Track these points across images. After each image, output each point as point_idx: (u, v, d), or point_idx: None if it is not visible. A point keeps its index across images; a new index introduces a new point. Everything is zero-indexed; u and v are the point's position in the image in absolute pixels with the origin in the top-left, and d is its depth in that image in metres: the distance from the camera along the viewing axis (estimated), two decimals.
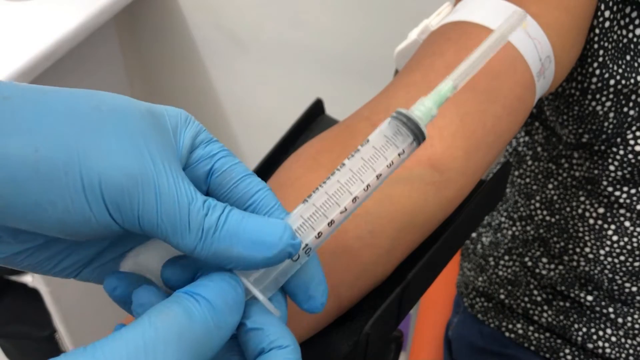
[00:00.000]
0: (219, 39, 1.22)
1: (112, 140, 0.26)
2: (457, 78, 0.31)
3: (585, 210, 0.61)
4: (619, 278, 0.61)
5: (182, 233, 0.27)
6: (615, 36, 0.51)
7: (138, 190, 0.26)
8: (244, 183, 0.31)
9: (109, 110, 0.27)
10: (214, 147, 0.31)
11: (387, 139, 0.31)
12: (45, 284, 1.17)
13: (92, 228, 0.27)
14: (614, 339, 0.63)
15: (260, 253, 0.27)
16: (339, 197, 0.30)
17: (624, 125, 0.54)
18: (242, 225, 0.28)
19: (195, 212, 0.27)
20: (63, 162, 0.25)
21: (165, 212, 0.27)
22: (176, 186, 0.27)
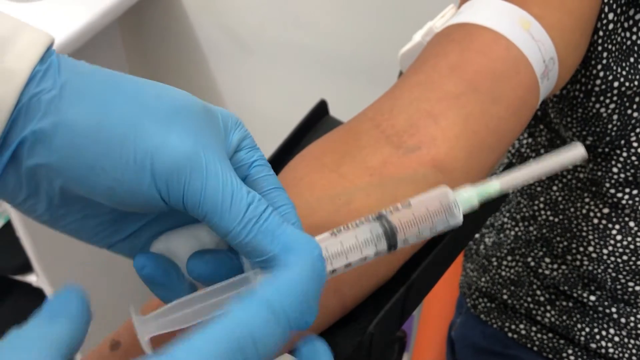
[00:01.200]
0: (223, 41, 1.22)
1: (168, 124, 0.28)
2: (506, 186, 0.33)
3: (589, 211, 0.62)
4: (622, 277, 0.61)
5: (222, 215, 0.28)
6: (619, 38, 0.51)
7: (187, 169, 0.28)
8: (272, 194, 0.32)
9: (169, 98, 0.30)
10: (255, 154, 0.33)
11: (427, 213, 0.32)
12: (50, 284, 1.17)
13: (138, 200, 0.29)
14: (617, 339, 0.63)
15: (293, 259, 0.28)
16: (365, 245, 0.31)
17: (628, 128, 0.54)
18: (282, 227, 0.29)
19: (239, 198, 0.29)
20: (120, 135, 0.28)
21: (209, 193, 0.28)
22: (223, 173, 0.29)
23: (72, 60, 0.29)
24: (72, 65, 0.29)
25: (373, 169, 0.40)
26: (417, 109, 0.42)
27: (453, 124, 0.41)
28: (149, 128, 0.28)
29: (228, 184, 0.29)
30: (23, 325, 0.25)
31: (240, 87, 1.28)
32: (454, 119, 0.41)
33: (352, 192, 0.39)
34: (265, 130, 1.32)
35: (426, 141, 0.40)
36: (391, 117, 0.42)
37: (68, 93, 0.28)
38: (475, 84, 0.42)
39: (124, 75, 0.30)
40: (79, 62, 0.30)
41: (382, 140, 0.41)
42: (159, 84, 0.31)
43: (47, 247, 1.13)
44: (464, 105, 0.41)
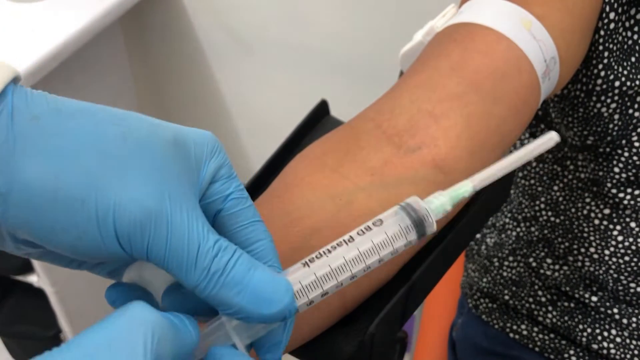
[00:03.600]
0: (224, 41, 1.22)
1: (131, 174, 0.27)
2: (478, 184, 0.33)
3: (590, 211, 0.61)
4: (624, 278, 0.61)
5: (188, 270, 0.27)
6: (620, 38, 0.51)
7: (150, 224, 0.27)
8: (248, 230, 0.31)
9: (133, 140, 0.28)
10: (231, 186, 0.31)
11: (400, 230, 0.31)
12: (51, 284, 1.17)
13: (101, 254, 0.27)
14: (619, 340, 0.63)
15: (261, 309, 0.28)
16: (339, 273, 0.30)
17: (629, 127, 0.54)
18: (249, 275, 0.28)
19: (205, 252, 0.27)
20: (81, 192, 0.26)
21: (174, 247, 0.27)
22: (189, 224, 0.27)
23: (28, 98, 0.27)
24: (27, 108, 0.26)
25: (374, 169, 0.40)
26: (418, 109, 0.42)
27: (454, 124, 0.41)
28: (110, 181, 0.26)
29: (194, 237, 0.27)
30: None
31: (242, 87, 1.28)
32: (455, 119, 0.41)
33: (353, 193, 0.39)
34: (265, 130, 1.32)
35: (427, 141, 0.40)
36: (392, 117, 0.42)
37: (21, 147, 0.26)
38: (477, 84, 0.42)
39: (86, 114, 0.28)
40: (37, 97, 0.27)
41: (383, 141, 0.41)
42: (122, 116, 0.28)
43: None
44: (465, 106, 0.41)
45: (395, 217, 0.32)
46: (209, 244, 0.28)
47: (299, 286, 0.30)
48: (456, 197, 0.32)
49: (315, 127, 0.54)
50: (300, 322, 0.39)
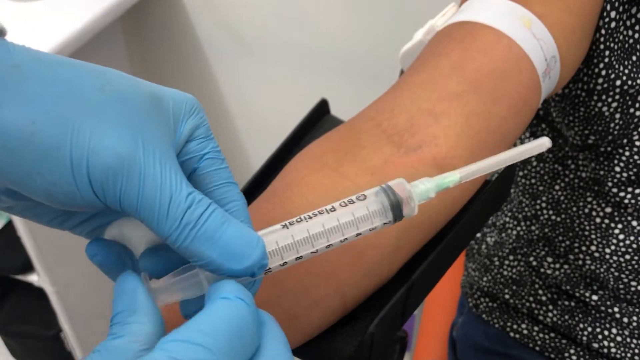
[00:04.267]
0: (224, 40, 1.22)
1: (107, 122, 0.27)
2: (466, 175, 0.33)
3: (592, 210, 0.61)
4: (625, 277, 0.61)
5: (160, 220, 0.28)
6: (621, 37, 0.51)
7: (123, 172, 0.27)
8: (221, 190, 0.31)
9: (111, 91, 0.28)
10: (207, 146, 0.32)
11: (383, 208, 0.32)
12: (51, 283, 1.17)
13: (77, 202, 0.28)
14: (620, 339, 0.63)
15: (230, 264, 0.28)
16: (316, 239, 0.31)
17: (630, 127, 0.54)
18: (221, 229, 0.28)
19: (177, 203, 0.27)
20: (56, 138, 0.26)
21: (146, 196, 0.27)
22: (162, 174, 0.28)
23: (9, 49, 0.27)
24: (9, 57, 0.27)
25: (374, 169, 0.40)
26: (418, 108, 0.41)
27: (454, 123, 0.41)
28: (86, 128, 0.27)
29: (167, 187, 0.27)
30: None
31: (242, 86, 1.28)
32: (456, 118, 0.41)
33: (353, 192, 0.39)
34: (265, 129, 1.32)
35: (427, 140, 0.40)
36: (392, 117, 0.42)
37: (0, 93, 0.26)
38: (477, 83, 0.42)
39: (65, 65, 0.28)
40: (19, 48, 0.28)
41: (383, 140, 0.41)
42: (103, 70, 0.29)
43: (48, 246, 1.13)
44: (466, 105, 0.41)
45: (377, 197, 0.32)
46: (182, 195, 0.28)
47: (275, 246, 0.30)
48: (442, 185, 0.32)
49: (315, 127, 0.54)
50: (300, 322, 0.39)
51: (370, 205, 0.31)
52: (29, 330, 1.35)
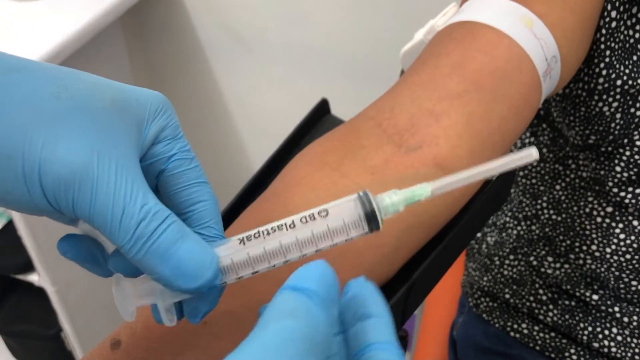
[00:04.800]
0: (224, 40, 1.22)
1: (61, 132, 0.27)
2: (438, 188, 0.31)
3: (592, 209, 0.61)
4: (626, 276, 0.61)
5: (112, 231, 0.27)
6: (622, 36, 0.51)
7: (75, 184, 0.27)
8: (190, 191, 0.31)
9: (68, 98, 0.28)
10: (174, 146, 0.31)
11: (344, 225, 0.31)
12: (52, 283, 1.17)
13: (33, 209, 0.28)
14: (620, 338, 0.63)
15: (181, 283, 0.28)
16: (273, 256, 0.30)
17: (631, 126, 0.54)
18: (174, 246, 0.28)
19: (130, 215, 0.27)
20: (8, 148, 0.26)
21: (97, 208, 0.27)
22: (116, 185, 0.27)
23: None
24: None
25: (375, 168, 0.40)
26: (419, 108, 0.41)
27: (455, 123, 0.41)
28: (38, 138, 0.26)
29: (120, 198, 0.27)
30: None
31: (242, 86, 1.28)
32: (456, 118, 0.41)
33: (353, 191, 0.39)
34: (266, 128, 1.32)
35: (428, 140, 0.40)
36: (393, 116, 0.42)
37: None
38: (478, 82, 0.42)
39: (25, 69, 0.28)
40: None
41: (384, 139, 0.41)
42: (61, 73, 0.28)
43: (48, 246, 1.13)
44: (466, 104, 0.41)
45: (338, 214, 0.31)
46: (136, 207, 0.27)
47: (229, 262, 0.30)
48: (411, 198, 0.31)
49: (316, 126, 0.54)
50: None
51: (331, 222, 0.30)
52: (29, 330, 1.35)
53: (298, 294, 0.25)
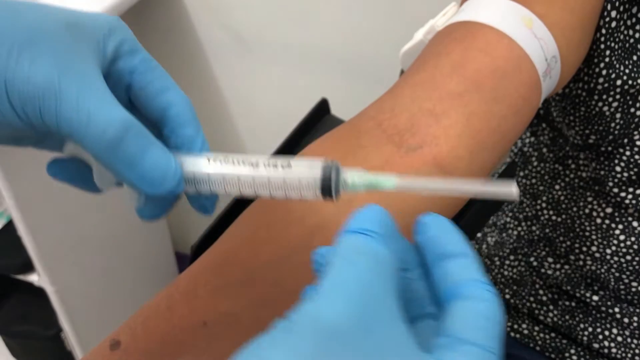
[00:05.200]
0: (224, 39, 1.22)
1: (22, 54, 0.28)
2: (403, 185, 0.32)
3: (592, 210, 0.61)
4: (626, 277, 0.61)
5: (82, 140, 0.29)
6: (622, 36, 0.51)
7: (39, 96, 0.28)
8: (158, 99, 0.33)
9: (25, 22, 0.29)
10: (134, 59, 0.33)
11: (299, 184, 0.32)
12: (51, 283, 1.17)
13: (9, 127, 0.29)
14: (620, 339, 0.63)
15: (147, 188, 0.31)
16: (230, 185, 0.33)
17: (631, 126, 0.54)
18: (140, 156, 0.30)
19: (95, 125, 0.29)
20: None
21: (63, 119, 0.29)
22: (79, 97, 0.29)
23: None
24: None
25: (375, 169, 0.40)
26: (419, 108, 0.41)
27: (455, 123, 0.41)
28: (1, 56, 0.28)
29: (84, 110, 0.29)
30: None
31: (242, 86, 1.28)
32: (456, 118, 0.41)
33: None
34: (266, 128, 1.32)
35: (428, 140, 0.40)
36: (393, 116, 0.42)
37: None
38: (478, 82, 0.42)
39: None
40: None
41: (384, 140, 0.41)
42: (16, 4, 0.30)
43: (48, 246, 1.13)
44: (466, 104, 0.41)
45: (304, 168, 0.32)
46: (100, 117, 0.29)
47: (192, 176, 0.32)
48: (374, 185, 0.32)
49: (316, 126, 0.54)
50: None
51: (289, 176, 0.32)
52: (29, 330, 1.35)
53: (358, 235, 0.27)
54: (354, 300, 0.24)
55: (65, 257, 1.18)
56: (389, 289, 0.25)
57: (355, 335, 0.23)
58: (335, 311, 0.23)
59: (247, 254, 0.40)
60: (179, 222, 1.65)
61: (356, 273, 0.25)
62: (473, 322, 0.27)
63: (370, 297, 0.24)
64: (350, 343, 0.23)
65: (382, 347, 0.24)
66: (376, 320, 0.24)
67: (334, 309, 0.23)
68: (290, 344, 0.23)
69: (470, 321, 0.26)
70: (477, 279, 0.27)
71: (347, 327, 0.23)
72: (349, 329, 0.23)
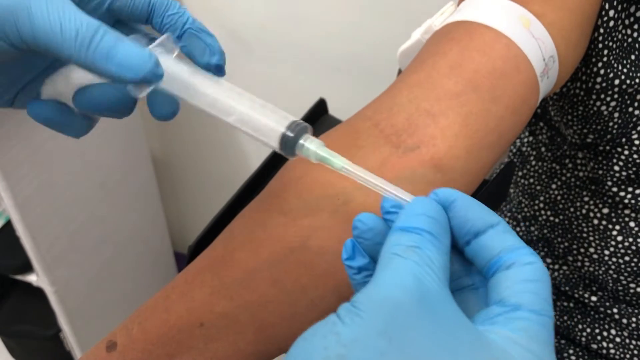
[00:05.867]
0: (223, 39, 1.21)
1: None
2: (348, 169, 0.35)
3: (589, 211, 0.61)
4: (624, 278, 0.61)
5: (57, 45, 0.32)
6: (620, 35, 0.51)
7: (14, 15, 0.32)
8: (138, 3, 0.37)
9: None
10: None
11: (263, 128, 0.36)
12: (50, 283, 1.17)
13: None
14: (619, 340, 0.63)
15: (129, 75, 0.33)
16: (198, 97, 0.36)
17: (629, 126, 0.54)
18: (115, 48, 0.33)
19: (67, 27, 0.32)
20: None
21: (38, 27, 0.32)
22: (48, 7, 0.32)
23: None
24: None
25: (372, 169, 0.40)
26: (416, 108, 0.41)
27: (453, 123, 0.41)
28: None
29: (55, 17, 0.32)
30: None
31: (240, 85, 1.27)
32: (454, 118, 0.41)
33: (350, 192, 0.39)
34: None
35: (425, 140, 0.40)
36: (390, 116, 0.42)
37: None
38: (475, 82, 0.42)
39: None
40: None
41: (381, 140, 0.41)
42: None
43: (47, 246, 1.13)
44: (464, 104, 0.41)
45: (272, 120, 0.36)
46: (71, 23, 0.32)
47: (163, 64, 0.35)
48: (323, 159, 0.35)
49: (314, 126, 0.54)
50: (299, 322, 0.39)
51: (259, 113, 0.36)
52: (28, 330, 1.35)
53: (408, 233, 0.28)
54: (410, 283, 0.26)
55: (63, 258, 1.18)
56: (441, 278, 0.27)
57: (419, 312, 0.25)
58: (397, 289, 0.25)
59: (244, 254, 0.39)
60: (178, 223, 1.65)
61: (401, 270, 0.26)
62: (523, 287, 0.27)
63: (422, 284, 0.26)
64: (414, 318, 0.25)
65: (443, 325, 0.25)
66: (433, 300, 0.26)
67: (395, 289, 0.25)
68: (359, 321, 0.24)
69: (519, 287, 0.27)
70: (514, 245, 0.29)
71: (410, 304, 0.25)
72: (411, 305, 0.25)
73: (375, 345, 0.24)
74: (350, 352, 0.24)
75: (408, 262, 0.27)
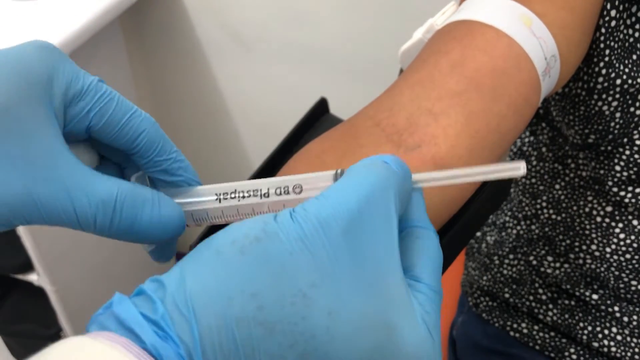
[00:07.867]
0: (223, 39, 1.22)
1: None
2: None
3: (592, 209, 0.61)
4: (625, 276, 0.61)
5: (76, 227, 0.30)
6: (622, 35, 0.51)
7: (20, 206, 0.29)
8: (123, 131, 0.32)
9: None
10: (86, 103, 0.32)
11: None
12: (51, 283, 1.17)
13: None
14: (620, 338, 0.63)
15: (149, 242, 0.32)
16: (245, 215, 0.33)
17: (631, 126, 0.54)
18: (135, 223, 0.31)
19: (82, 214, 0.30)
20: None
21: (51, 218, 0.30)
22: (55, 198, 0.29)
23: None
24: None
25: None
26: (417, 107, 0.41)
27: (454, 122, 0.41)
28: None
29: (69, 209, 0.30)
30: None
31: (241, 85, 1.28)
32: (455, 117, 0.41)
33: None
34: (265, 128, 1.32)
35: (427, 140, 0.40)
36: (391, 116, 0.42)
37: None
38: (477, 81, 0.42)
39: None
40: None
41: (383, 139, 0.41)
42: None
43: (47, 246, 1.13)
44: (465, 104, 0.41)
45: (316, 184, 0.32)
46: (85, 208, 0.30)
47: (205, 215, 0.33)
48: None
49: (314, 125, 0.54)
50: None
51: (302, 197, 0.32)
52: (28, 330, 1.35)
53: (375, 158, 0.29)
54: (359, 195, 0.27)
55: (64, 257, 1.18)
56: (394, 195, 0.28)
57: (353, 228, 0.26)
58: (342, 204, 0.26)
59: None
60: None
61: (367, 174, 0.28)
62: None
63: (374, 197, 0.27)
64: (345, 232, 0.26)
65: (373, 245, 0.26)
66: (375, 218, 0.27)
67: (339, 203, 0.26)
68: (287, 223, 0.26)
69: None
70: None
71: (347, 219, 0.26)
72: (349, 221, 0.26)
73: (291, 245, 0.25)
74: (268, 239, 0.25)
75: (365, 172, 0.28)
